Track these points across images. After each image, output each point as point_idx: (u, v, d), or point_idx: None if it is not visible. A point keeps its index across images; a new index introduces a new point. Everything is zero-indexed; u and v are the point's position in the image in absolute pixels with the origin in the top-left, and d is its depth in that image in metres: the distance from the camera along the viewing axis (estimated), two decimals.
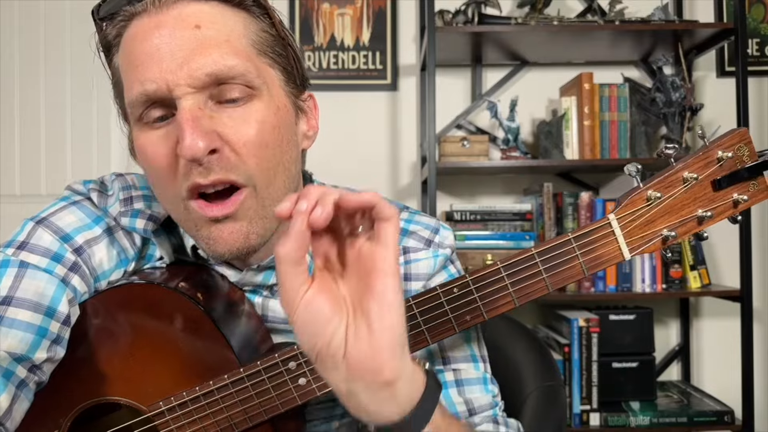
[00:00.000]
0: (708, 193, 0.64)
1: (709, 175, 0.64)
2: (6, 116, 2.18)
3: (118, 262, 0.71)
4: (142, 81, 0.60)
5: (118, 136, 2.18)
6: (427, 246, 0.76)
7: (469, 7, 1.95)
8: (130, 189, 0.73)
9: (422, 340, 0.65)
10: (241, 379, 0.65)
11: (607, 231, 0.63)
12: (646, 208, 0.63)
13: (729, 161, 0.63)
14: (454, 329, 0.64)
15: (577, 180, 2.17)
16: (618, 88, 1.96)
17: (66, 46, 2.18)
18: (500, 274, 0.64)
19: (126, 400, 0.66)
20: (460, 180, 2.18)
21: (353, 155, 2.16)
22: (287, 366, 0.64)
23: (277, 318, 0.74)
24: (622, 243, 0.63)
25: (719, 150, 0.63)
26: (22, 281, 0.63)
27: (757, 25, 2.20)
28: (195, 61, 0.60)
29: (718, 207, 0.64)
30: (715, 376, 2.14)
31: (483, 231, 1.93)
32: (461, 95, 2.19)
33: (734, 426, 1.83)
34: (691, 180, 0.63)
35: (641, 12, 2.00)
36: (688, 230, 0.64)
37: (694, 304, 2.17)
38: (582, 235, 0.63)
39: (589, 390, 1.87)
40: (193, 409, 0.65)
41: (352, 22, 2.19)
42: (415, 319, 0.64)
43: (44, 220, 0.68)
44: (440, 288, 0.64)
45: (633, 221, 0.63)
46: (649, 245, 0.64)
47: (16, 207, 2.16)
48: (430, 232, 0.77)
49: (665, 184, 0.63)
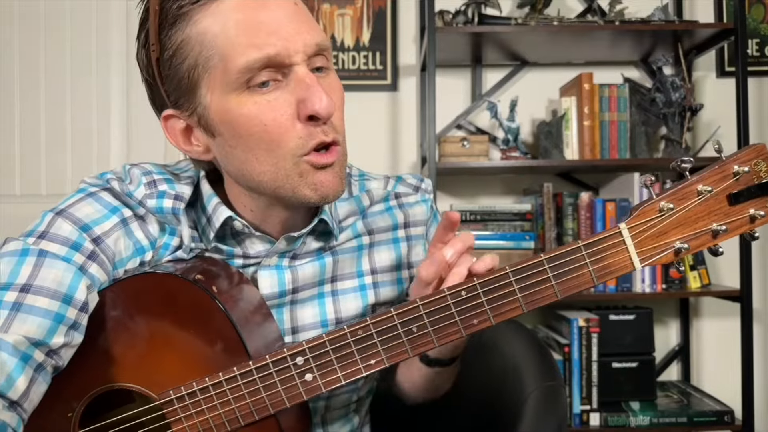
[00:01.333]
0: (723, 207, 0.63)
1: (725, 189, 0.63)
2: (6, 116, 2.18)
3: (134, 251, 0.74)
4: (261, 45, 0.64)
5: (118, 136, 2.19)
6: (415, 191, 0.88)
7: (469, 8, 1.95)
8: (150, 173, 0.77)
9: (428, 342, 0.65)
10: (249, 372, 0.66)
11: (618, 240, 0.63)
12: (658, 219, 0.63)
13: (745, 176, 0.63)
14: (461, 332, 0.65)
15: (577, 180, 2.17)
16: (618, 88, 1.96)
17: (66, 46, 2.18)
18: (509, 279, 0.64)
19: (138, 387, 0.68)
20: (460, 180, 2.18)
21: (353, 155, 2.13)
22: (295, 361, 0.66)
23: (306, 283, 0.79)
24: (633, 253, 0.63)
25: (735, 165, 0.63)
26: (41, 270, 0.65)
27: (757, 25, 2.20)
28: (307, 31, 0.67)
29: (733, 222, 0.63)
30: (715, 376, 2.14)
31: (483, 231, 1.93)
32: (461, 95, 2.19)
33: (734, 426, 1.83)
34: (705, 193, 0.62)
35: (641, 12, 2.00)
36: (702, 243, 0.64)
37: (693, 304, 2.17)
38: (592, 243, 0.63)
39: (589, 390, 1.87)
40: (202, 399, 0.66)
41: (352, 23, 2.19)
42: (422, 320, 0.64)
43: (63, 211, 0.71)
44: (448, 290, 0.64)
45: (644, 231, 0.63)
46: (661, 257, 0.63)
47: (16, 207, 2.16)
48: (416, 180, 0.90)
49: (679, 195, 0.63)
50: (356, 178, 0.88)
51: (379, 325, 0.65)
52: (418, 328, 0.65)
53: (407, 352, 0.65)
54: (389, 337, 0.65)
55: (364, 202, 0.85)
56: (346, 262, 0.81)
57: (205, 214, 0.76)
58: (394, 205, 0.86)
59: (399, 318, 0.65)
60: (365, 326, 0.65)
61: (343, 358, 0.65)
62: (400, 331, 0.65)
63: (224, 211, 0.74)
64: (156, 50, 0.68)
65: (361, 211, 0.85)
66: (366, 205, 0.85)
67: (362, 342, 0.65)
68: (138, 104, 2.16)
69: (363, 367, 0.65)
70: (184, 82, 0.68)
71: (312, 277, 0.79)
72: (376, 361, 0.65)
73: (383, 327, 0.65)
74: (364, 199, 0.86)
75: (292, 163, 0.68)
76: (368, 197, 0.86)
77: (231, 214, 0.74)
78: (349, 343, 0.65)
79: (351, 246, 0.82)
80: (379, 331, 0.65)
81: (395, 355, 0.65)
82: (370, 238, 0.83)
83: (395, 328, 0.65)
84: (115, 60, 2.19)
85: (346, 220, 0.84)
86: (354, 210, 0.84)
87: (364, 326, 0.65)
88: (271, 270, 0.77)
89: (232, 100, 0.66)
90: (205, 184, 0.78)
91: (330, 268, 0.80)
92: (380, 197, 0.86)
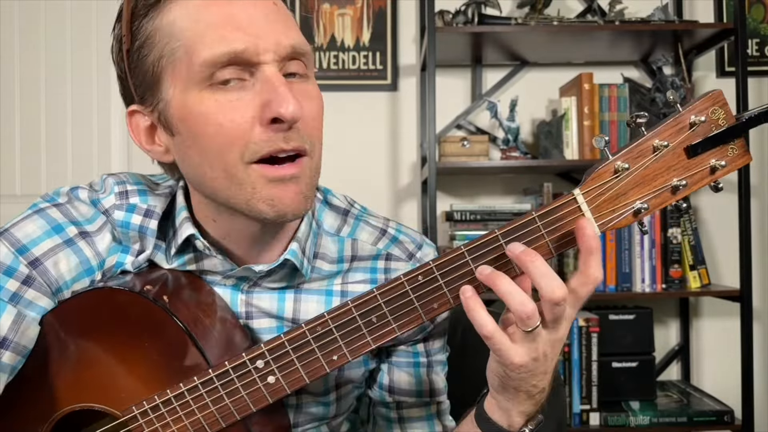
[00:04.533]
0: (682, 161, 0.59)
1: (682, 142, 0.59)
2: (6, 116, 2.18)
3: (81, 271, 0.70)
4: (229, 40, 0.61)
5: (118, 135, 2.19)
6: (408, 259, 0.78)
7: (469, 8, 1.95)
8: (124, 183, 0.74)
9: (390, 331, 0.63)
10: (210, 380, 0.64)
11: (573, 207, 0.59)
12: (615, 180, 0.59)
13: (703, 126, 0.58)
14: (422, 317, 0.62)
15: (577, 180, 2.16)
16: (618, 88, 1.96)
17: (66, 46, 2.18)
18: (464, 258, 0.60)
19: (100, 406, 0.67)
20: (460, 180, 2.18)
21: (353, 155, 2.16)
22: (255, 365, 0.64)
23: (261, 311, 0.75)
24: (591, 218, 0.59)
25: (692, 115, 0.58)
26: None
27: (757, 25, 2.20)
28: (282, 32, 0.63)
29: (693, 175, 0.59)
30: (715, 376, 2.14)
31: (483, 231, 1.92)
32: (461, 95, 2.19)
33: (734, 426, 1.83)
34: (661, 148, 0.58)
35: (641, 12, 2.00)
36: (662, 201, 0.60)
37: (693, 304, 2.17)
38: (547, 213, 0.59)
39: (589, 390, 1.87)
40: (166, 411, 0.65)
41: (353, 23, 2.19)
42: (380, 309, 0.62)
43: (5, 232, 0.68)
44: (404, 277, 0.62)
45: (600, 195, 0.59)
46: (620, 219, 0.59)
47: (16, 207, 2.15)
48: (414, 246, 0.79)
49: (634, 154, 0.59)
50: (352, 217, 0.80)
51: (338, 320, 0.63)
52: (377, 318, 0.62)
53: (369, 343, 0.63)
54: (349, 330, 0.63)
55: (346, 253, 0.77)
56: (311, 306, 0.75)
57: (173, 228, 0.74)
58: (380, 268, 0.77)
59: (357, 310, 0.62)
60: (323, 322, 0.63)
61: (304, 357, 0.64)
62: (360, 323, 0.63)
63: (188, 228, 0.71)
64: (127, 41, 0.65)
65: (339, 264, 0.77)
66: (347, 257, 0.77)
67: (322, 338, 0.63)
68: None
69: (326, 363, 0.64)
70: (149, 75, 0.64)
71: (268, 310, 0.75)
72: (339, 356, 0.64)
73: (342, 321, 0.63)
74: (347, 248, 0.78)
75: (244, 172, 0.63)
76: (352, 248, 0.78)
77: (194, 232, 0.70)
78: (309, 341, 0.63)
79: (320, 289, 0.76)
80: (338, 325, 0.63)
81: (357, 348, 0.64)
82: (342, 292, 0.77)
83: (354, 321, 0.63)
84: None
85: (323, 262, 0.77)
86: (333, 257, 0.77)
87: (322, 322, 0.63)
88: (225, 289, 0.74)
89: (193, 97, 0.62)
90: (180, 195, 0.74)
91: (290, 308, 0.75)
92: (367, 254, 0.78)
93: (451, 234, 1.93)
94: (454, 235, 1.91)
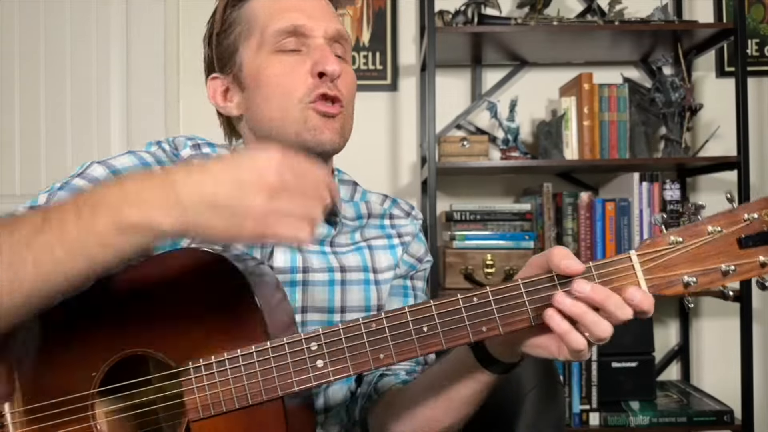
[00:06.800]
0: (733, 249, 0.65)
1: (735, 233, 0.65)
2: (6, 116, 2.18)
3: None
4: (294, 18, 0.84)
5: (118, 136, 2.19)
6: (406, 216, 1.01)
7: (469, 8, 1.96)
8: (194, 138, 0.92)
9: (437, 343, 0.67)
10: (265, 350, 0.67)
11: (627, 265, 0.65)
12: (668, 251, 0.65)
13: (755, 222, 0.65)
14: (469, 337, 0.66)
15: (577, 180, 2.17)
16: (617, 88, 1.96)
17: (66, 46, 2.18)
18: (520, 290, 0.66)
19: (161, 354, 0.69)
20: (459, 180, 2.18)
21: (353, 155, 2.14)
22: (309, 345, 0.67)
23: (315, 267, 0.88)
24: (642, 279, 0.65)
25: (745, 212, 0.65)
26: (56, 195, 0.81)
27: (756, 25, 2.20)
28: (330, 20, 0.87)
29: (743, 265, 0.65)
30: (715, 376, 2.14)
31: (483, 231, 1.93)
32: (461, 95, 2.19)
33: (734, 426, 1.83)
34: (715, 233, 0.64)
35: (641, 12, 2.00)
36: (711, 281, 0.65)
37: (693, 304, 2.16)
38: (602, 265, 0.65)
39: (589, 389, 1.87)
40: (217, 372, 0.68)
41: (352, 23, 2.19)
42: (432, 320, 0.66)
43: (104, 161, 0.85)
44: (461, 295, 0.67)
45: (653, 260, 0.65)
46: (670, 289, 0.65)
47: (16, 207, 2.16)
48: (408, 207, 1.03)
49: (690, 232, 0.65)
50: (360, 187, 1.01)
51: (392, 320, 0.67)
52: (428, 328, 0.67)
53: (416, 350, 0.67)
54: (400, 333, 0.67)
55: (362, 211, 0.97)
56: (350, 259, 0.91)
57: None
58: (387, 225, 0.98)
59: (411, 316, 0.67)
60: (379, 320, 0.67)
61: (354, 348, 0.67)
62: (411, 329, 0.67)
63: None
64: (218, 26, 0.89)
65: (359, 220, 0.96)
66: (365, 214, 0.97)
67: (374, 335, 0.67)
68: (138, 104, 2.16)
69: (372, 360, 0.67)
70: (230, 48, 0.88)
71: (320, 262, 0.88)
72: (385, 355, 0.67)
73: (395, 323, 0.67)
74: (362, 207, 0.97)
75: (299, 110, 0.83)
76: (367, 208, 0.97)
77: None
78: (362, 335, 0.67)
79: (348, 243, 0.93)
80: (392, 326, 0.67)
81: (403, 352, 0.67)
82: (367, 242, 0.95)
83: (407, 326, 0.67)
84: (114, 61, 2.18)
85: (345, 220, 0.93)
86: (352, 216, 0.95)
87: (378, 320, 0.67)
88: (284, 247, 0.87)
89: (263, 59, 0.85)
90: None
91: (336, 261, 0.90)
92: (377, 213, 0.98)
93: (450, 234, 1.93)
94: (453, 235, 1.91)
